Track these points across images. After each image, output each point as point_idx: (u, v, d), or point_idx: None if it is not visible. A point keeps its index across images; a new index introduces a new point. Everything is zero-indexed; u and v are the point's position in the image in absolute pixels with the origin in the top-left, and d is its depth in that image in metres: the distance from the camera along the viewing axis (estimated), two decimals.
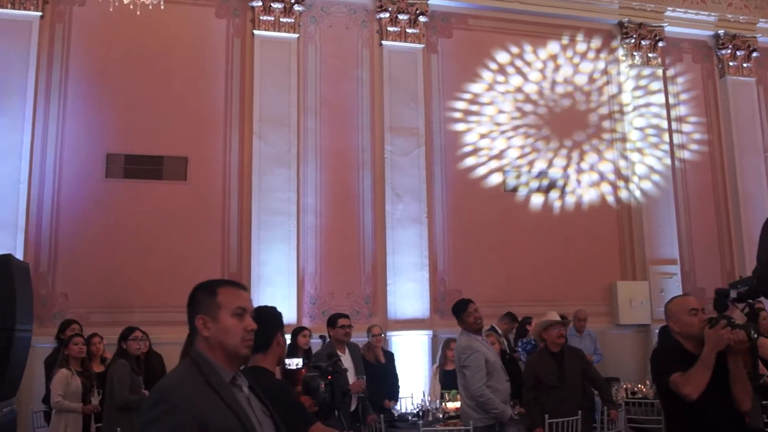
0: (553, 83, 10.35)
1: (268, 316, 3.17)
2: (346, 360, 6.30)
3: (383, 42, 9.58)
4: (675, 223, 10.30)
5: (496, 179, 9.86)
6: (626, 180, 10.37)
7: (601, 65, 10.64)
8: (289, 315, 8.65)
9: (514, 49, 10.28)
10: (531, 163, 10.05)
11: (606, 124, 10.50)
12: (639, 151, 10.36)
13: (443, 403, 6.61)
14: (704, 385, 3.24)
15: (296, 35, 9.25)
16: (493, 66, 10.13)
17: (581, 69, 10.53)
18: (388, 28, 9.59)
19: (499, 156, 9.93)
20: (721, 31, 11.12)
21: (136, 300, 8.28)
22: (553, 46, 10.46)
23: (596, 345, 8.73)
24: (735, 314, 3.39)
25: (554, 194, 10.06)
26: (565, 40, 10.54)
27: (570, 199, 10.09)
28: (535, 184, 10.03)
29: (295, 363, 4.36)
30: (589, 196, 10.18)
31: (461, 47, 10.06)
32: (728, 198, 10.74)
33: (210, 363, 2.18)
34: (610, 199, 10.28)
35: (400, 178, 9.25)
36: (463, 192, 9.65)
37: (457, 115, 9.85)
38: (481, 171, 9.81)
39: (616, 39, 10.73)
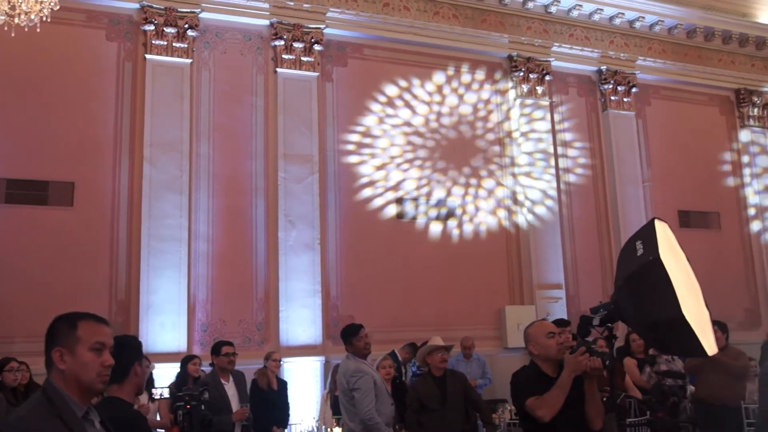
0: (445, 113, 10.68)
1: (126, 346, 3.14)
2: (230, 388, 6.27)
3: (278, 69, 9.66)
4: (560, 249, 10.76)
5: (387, 205, 10.05)
6: (514, 208, 10.77)
7: (491, 97, 11.06)
8: (180, 343, 8.53)
9: (409, 80, 10.55)
10: (422, 190, 10.31)
11: (495, 153, 10.89)
12: (527, 178, 10.78)
13: (328, 429, 6.66)
14: (558, 407, 3.42)
15: (189, 60, 9.20)
16: (388, 95, 10.37)
17: (472, 100, 10.92)
18: (283, 56, 9.68)
19: (391, 182, 10.13)
20: (603, 67, 11.77)
21: (17, 330, 7.94)
22: (446, 77, 10.79)
23: (485, 369, 8.96)
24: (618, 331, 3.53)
25: (447, 220, 10.33)
26: (459, 72, 10.90)
27: (459, 226, 10.38)
28: (425, 211, 10.27)
29: (159, 393, 4.32)
30: (477, 224, 10.51)
31: (356, 76, 10.26)
32: (610, 225, 11.30)
33: (63, 397, 2.16)
34: (499, 226, 10.64)
35: (294, 205, 9.30)
36: (356, 219, 9.79)
37: (351, 141, 10.01)
38: (373, 198, 9.98)
39: (506, 72, 11.17)
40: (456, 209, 10.44)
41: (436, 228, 10.26)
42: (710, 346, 2.98)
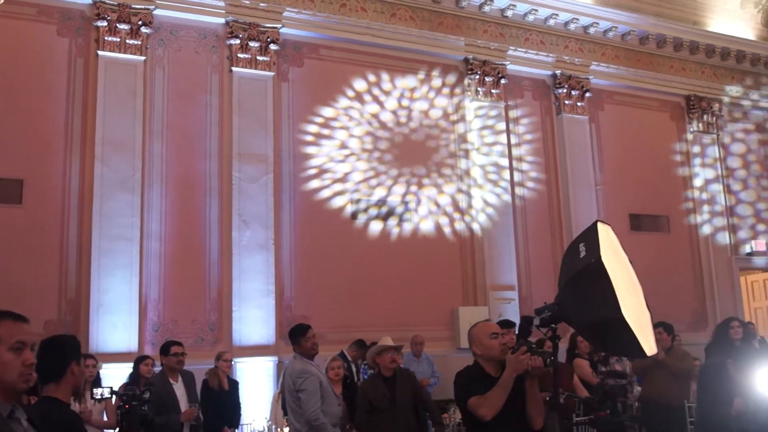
0: (401, 115, 10.71)
1: (63, 345, 3.11)
2: (179, 388, 6.20)
3: (233, 68, 9.58)
4: (514, 251, 10.90)
5: (343, 207, 10.05)
6: (468, 210, 10.85)
7: (446, 99, 11.13)
8: (131, 343, 8.42)
9: (365, 81, 10.56)
10: (378, 192, 10.31)
11: (451, 155, 10.97)
12: (481, 182, 10.89)
13: (279, 429, 6.64)
14: (500, 406, 3.46)
15: (143, 58, 9.07)
16: (343, 97, 10.36)
17: (428, 101, 10.97)
18: (239, 55, 9.60)
19: (348, 184, 10.12)
20: (558, 72, 11.94)
21: None
22: (402, 79, 10.84)
23: (433, 368, 9.03)
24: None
25: (399, 222, 10.36)
26: (415, 73, 10.95)
27: (415, 228, 10.43)
28: (381, 212, 10.29)
29: (100, 393, 4.26)
30: (434, 225, 10.58)
31: (312, 77, 10.23)
32: (563, 228, 11.47)
33: None
34: (453, 228, 10.71)
35: (248, 205, 9.24)
36: (310, 219, 9.76)
37: (307, 145, 9.98)
38: (328, 198, 9.97)
39: (462, 74, 11.26)
40: (411, 210, 10.48)
41: (390, 229, 10.29)
42: (649, 347, 3.05)
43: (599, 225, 3.10)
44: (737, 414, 5.94)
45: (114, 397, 4.94)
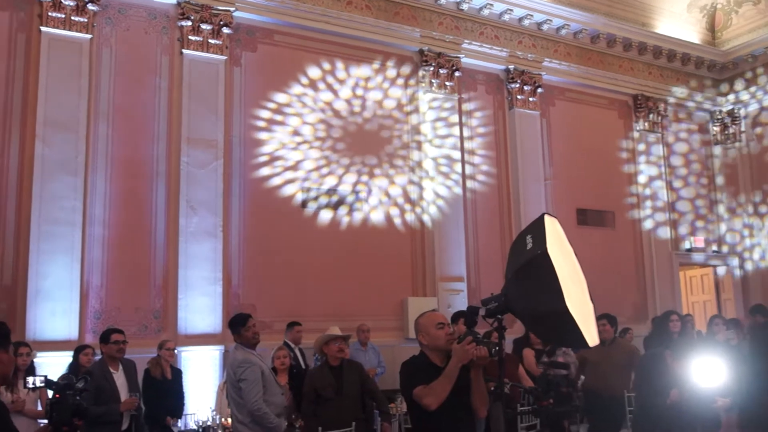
0: (355, 104, 10.66)
1: None
2: (119, 377, 6.07)
3: (184, 51, 9.38)
4: (464, 242, 10.98)
5: (294, 195, 9.95)
6: (419, 201, 10.88)
7: (400, 90, 11.11)
8: (71, 331, 8.19)
9: (319, 69, 10.46)
10: (330, 181, 10.24)
11: (402, 147, 10.96)
12: (433, 174, 10.93)
13: (222, 419, 6.56)
14: (444, 396, 3.47)
15: (89, 36, 8.79)
16: (297, 84, 10.25)
17: (382, 91, 10.93)
18: (190, 37, 9.40)
19: (299, 172, 10.02)
20: (511, 67, 12.05)
21: None
22: (356, 68, 10.78)
23: (380, 358, 9.04)
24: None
25: (351, 212, 10.31)
26: (369, 63, 10.90)
27: (366, 218, 10.41)
28: (332, 201, 10.24)
29: (32, 381, 4.12)
30: (385, 215, 10.57)
31: (266, 62, 10.08)
32: (512, 221, 11.60)
33: None
34: (403, 219, 10.73)
35: (196, 191, 9.07)
36: (260, 207, 9.65)
37: (258, 131, 9.84)
38: (279, 186, 9.85)
39: (416, 66, 11.26)
40: (362, 200, 10.45)
41: (341, 218, 10.24)
42: (592, 338, 3.07)
43: (546, 218, 3.11)
44: (673, 403, 6.12)
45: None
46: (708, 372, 5.58)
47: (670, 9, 13.99)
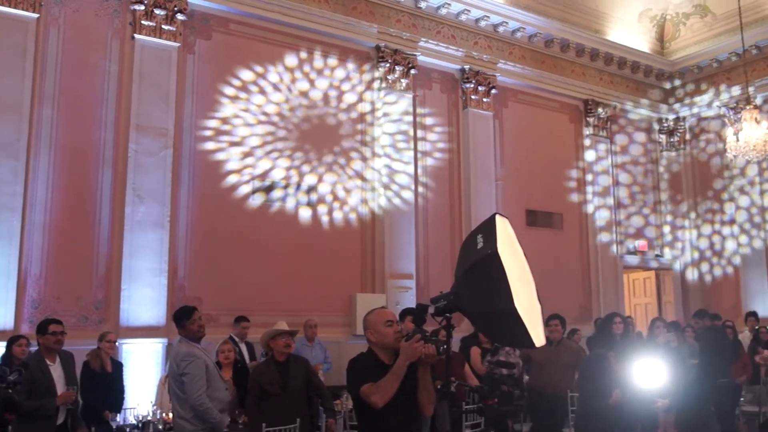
0: (310, 97, 10.57)
1: None
2: (56, 369, 5.89)
3: (136, 35, 9.14)
4: (414, 240, 11.00)
5: (243, 186, 9.81)
6: (370, 198, 10.86)
7: (356, 85, 11.07)
8: (6, 320, 7.91)
9: (275, 59, 10.34)
10: (280, 174, 10.13)
11: (356, 142, 10.93)
12: (386, 170, 10.92)
13: (163, 414, 6.43)
14: (392, 394, 3.47)
15: (36, 15, 8.49)
16: (252, 73, 10.10)
17: (337, 86, 10.87)
18: (143, 22, 9.18)
19: (249, 163, 9.90)
20: (467, 67, 12.11)
21: None
22: (312, 62, 10.68)
23: (326, 354, 8.99)
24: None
25: (301, 206, 10.22)
26: (325, 57, 10.81)
27: (316, 212, 10.33)
28: (283, 194, 10.12)
29: None
30: (334, 211, 10.50)
31: (220, 51, 9.91)
32: (462, 220, 11.68)
33: None
34: (354, 215, 10.69)
35: (144, 179, 8.86)
36: (210, 198, 9.48)
37: (210, 118, 9.67)
38: (229, 177, 9.71)
39: (372, 62, 11.23)
40: (312, 194, 10.37)
41: (290, 211, 10.14)
42: (538, 338, 3.10)
43: (497, 218, 3.13)
44: (615, 403, 6.24)
45: None
46: (649, 373, 5.71)
47: (622, 18, 14.27)
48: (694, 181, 14.77)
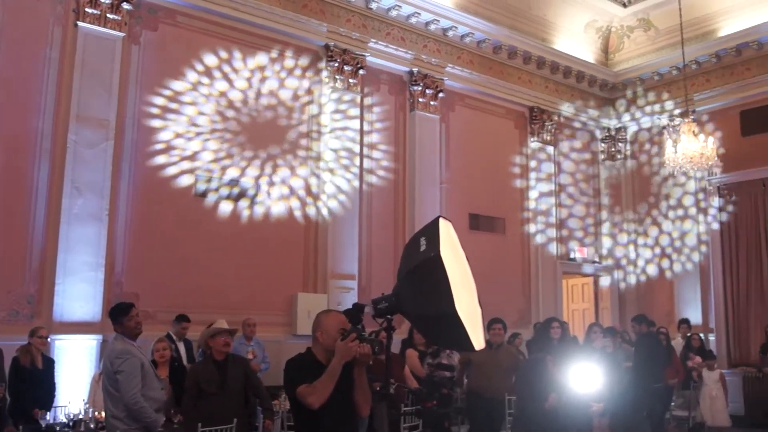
0: (257, 94, 10.45)
1: None
2: None
3: (79, 23, 8.88)
4: (357, 241, 10.99)
5: (186, 182, 9.63)
6: (315, 197, 10.80)
7: (304, 84, 11.01)
8: None
9: (223, 54, 10.19)
10: (224, 170, 9.98)
11: (303, 141, 10.86)
12: (330, 170, 10.87)
13: (95, 412, 6.27)
14: (327, 394, 3.44)
15: None
16: (199, 67, 9.93)
17: (285, 84, 10.78)
18: (87, 9, 8.92)
19: (193, 158, 9.70)
20: (415, 69, 12.18)
21: None
22: (261, 58, 10.58)
23: (264, 353, 8.91)
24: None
25: (244, 203, 10.09)
26: (274, 54, 10.72)
27: (259, 210, 10.22)
28: (225, 191, 9.97)
29: None
30: (278, 208, 10.41)
31: (167, 43, 9.72)
32: (406, 221, 11.72)
33: None
34: (298, 213, 10.61)
35: (83, 172, 8.61)
36: (151, 192, 9.27)
37: (154, 112, 9.47)
38: (172, 172, 9.51)
39: (321, 60, 11.18)
40: (257, 192, 10.25)
41: (234, 209, 10.00)
42: (478, 342, 3.12)
43: (441, 221, 3.14)
44: (551, 407, 6.36)
45: None
46: (584, 378, 5.83)
47: (569, 28, 14.56)
48: (633, 190, 15.17)
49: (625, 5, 14.59)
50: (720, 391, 10.10)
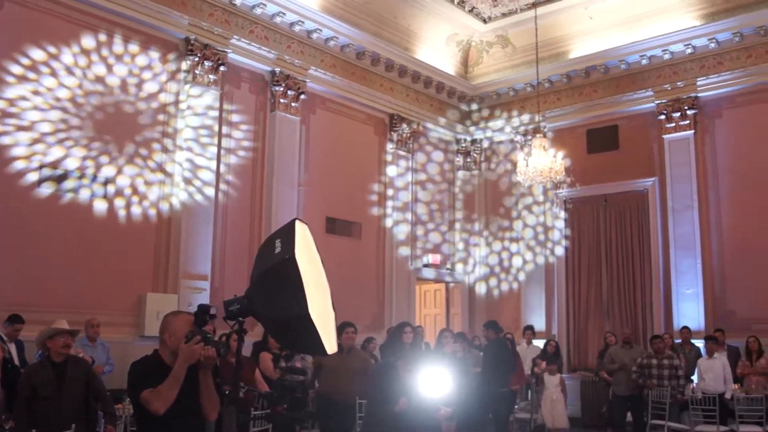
0: (110, 85, 9.92)
1: None
2: None
3: None
4: (211, 240, 10.69)
5: (31, 175, 8.98)
6: (167, 194, 10.41)
7: (162, 76, 10.57)
8: None
9: (70, 40, 9.57)
10: (74, 163, 9.40)
11: (157, 136, 10.43)
12: (185, 168, 10.52)
13: None
14: (172, 399, 3.34)
15: None
16: (44, 53, 9.28)
17: (141, 76, 10.30)
18: None
19: (39, 151, 9.07)
20: (277, 69, 12.04)
21: None
22: (116, 46, 10.05)
23: (108, 355, 8.49)
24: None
25: (97, 198, 9.57)
26: (131, 44, 10.22)
27: (112, 205, 9.71)
28: (76, 185, 9.41)
29: None
30: (130, 206, 9.93)
31: (9, 24, 8.98)
32: (262, 223, 11.55)
33: None
34: (151, 211, 10.19)
35: None
36: None
37: None
38: (15, 165, 8.84)
39: (181, 54, 10.79)
40: (106, 186, 9.73)
41: (83, 203, 9.43)
42: (330, 346, 3.12)
43: (297, 223, 3.12)
44: (401, 411, 6.46)
45: None
46: (434, 382, 5.97)
47: (431, 39, 14.98)
48: (486, 200, 15.83)
49: (485, 21, 15.19)
50: (560, 394, 10.68)
